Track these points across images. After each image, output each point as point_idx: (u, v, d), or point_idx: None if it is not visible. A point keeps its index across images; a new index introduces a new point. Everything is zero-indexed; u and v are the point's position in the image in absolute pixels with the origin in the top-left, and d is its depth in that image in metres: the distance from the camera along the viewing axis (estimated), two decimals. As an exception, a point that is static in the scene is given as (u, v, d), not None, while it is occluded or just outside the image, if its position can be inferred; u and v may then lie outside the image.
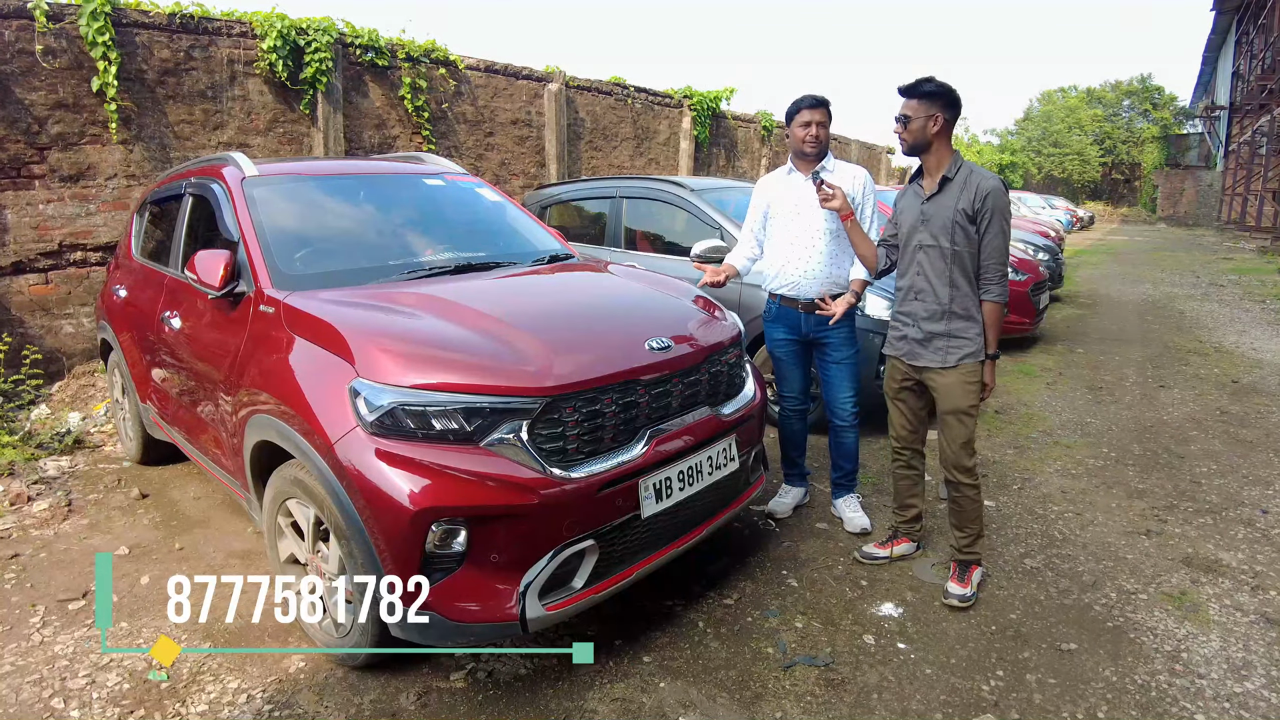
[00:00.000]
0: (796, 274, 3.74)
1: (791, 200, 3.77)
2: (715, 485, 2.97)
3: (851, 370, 3.80)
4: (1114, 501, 4.19)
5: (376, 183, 4.14)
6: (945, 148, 3.13)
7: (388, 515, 2.38)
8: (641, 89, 12.44)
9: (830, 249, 3.69)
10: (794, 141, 3.73)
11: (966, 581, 3.24)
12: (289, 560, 3.01)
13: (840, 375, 3.81)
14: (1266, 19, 24.54)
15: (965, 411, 3.17)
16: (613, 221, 6.20)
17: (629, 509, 2.62)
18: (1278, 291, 12.40)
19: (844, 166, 3.79)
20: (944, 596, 3.22)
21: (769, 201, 3.88)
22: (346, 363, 2.58)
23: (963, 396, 3.15)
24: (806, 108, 3.67)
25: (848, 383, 3.81)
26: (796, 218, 3.74)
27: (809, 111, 3.66)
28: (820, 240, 3.69)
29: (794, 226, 3.74)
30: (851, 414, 3.85)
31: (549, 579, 2.49)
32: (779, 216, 3.82)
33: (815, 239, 3.69)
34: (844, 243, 3.67)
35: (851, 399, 3.82)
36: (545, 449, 2.49)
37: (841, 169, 3.78)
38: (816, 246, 3.69)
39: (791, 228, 3.75)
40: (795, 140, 3.72)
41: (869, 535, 3.79)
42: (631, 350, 2.76)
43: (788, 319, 3.85)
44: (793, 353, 3.92)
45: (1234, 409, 5.96)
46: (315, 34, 8.33)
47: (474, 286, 3.25)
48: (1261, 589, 3.30)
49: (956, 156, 3.13)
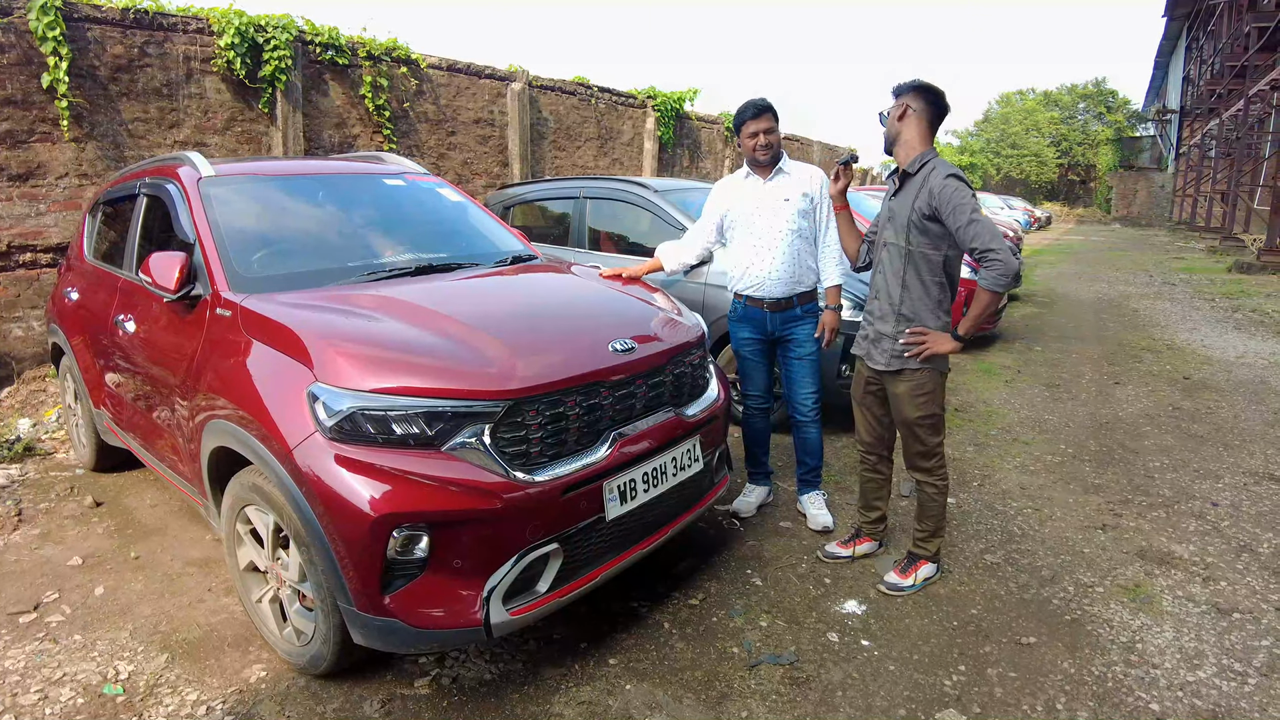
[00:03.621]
0: (760, 274, 3.77)
1: (752, 203, 3.80)
2: (680, 486, 2.97)
3: (814, 366, 3.85)
4: (1071, 497, 4.26)
5: (336, 183, 4.08)
6: (913, 142, 3.07)
7: (348, 522, 2.34)
8: (605, 89, 12.44)
9: (792, 248, 3.73)
10: (745, 151, 3.79)
11: (908, 574, 3.29)
12: (249, 568, 2.95)
13: (802, 371, 3.85)
14: (1215, 26, 25.17)
15: (915, 423, 3.16)
16: (576, 222, 6.18)
17: (593, 511, 2.61)
18: (1226, 290, 12.72)
19: (799, 168, 3.83)
20: (880, 583, 3.28)
21: (729, 205, 3.90)
22: (305, 367, 2.53)
23: (911, 408, 3.14)
24: (750, 118, 3.71)
25: (809, 378, 3.86)
26: (758, 219, 3.77)
27: (753, 122, 3.71)
28: (782, 240, 3.72)
29: (756, 228, 3.78)
30: (813, 409, 3.90)
31: (513, 583, 2.47)
32: (740, 219, 3.84)
33: (777, 239, 3.73)
34: (807, 242, 3.76)
35: (813, 394, 3.87)
36: (508, 452, 2.47)
37: (798, 170, 3.82)
38: (778, 247, 3.73)
39: (754, 229, 3.78)
40: (746, 150, 3.78)
41: (831, 533, 3.82)
42: (595, 352, 2.75)
43: (753, 318, 3.87)
44: (758, 351, 3.95)
45: (1185, 405, 6.10)
46: (274, 31, 8.22)
47: (435, 288, 3.22)
48: (1212, 580, 3.38)
49: (925, 154, 3.05)
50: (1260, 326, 9.58)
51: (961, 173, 2.98)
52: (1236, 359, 7.80)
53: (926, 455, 3.22)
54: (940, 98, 3.05)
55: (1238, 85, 21.53)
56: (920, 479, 3.27)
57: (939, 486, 3.26)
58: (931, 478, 3.25)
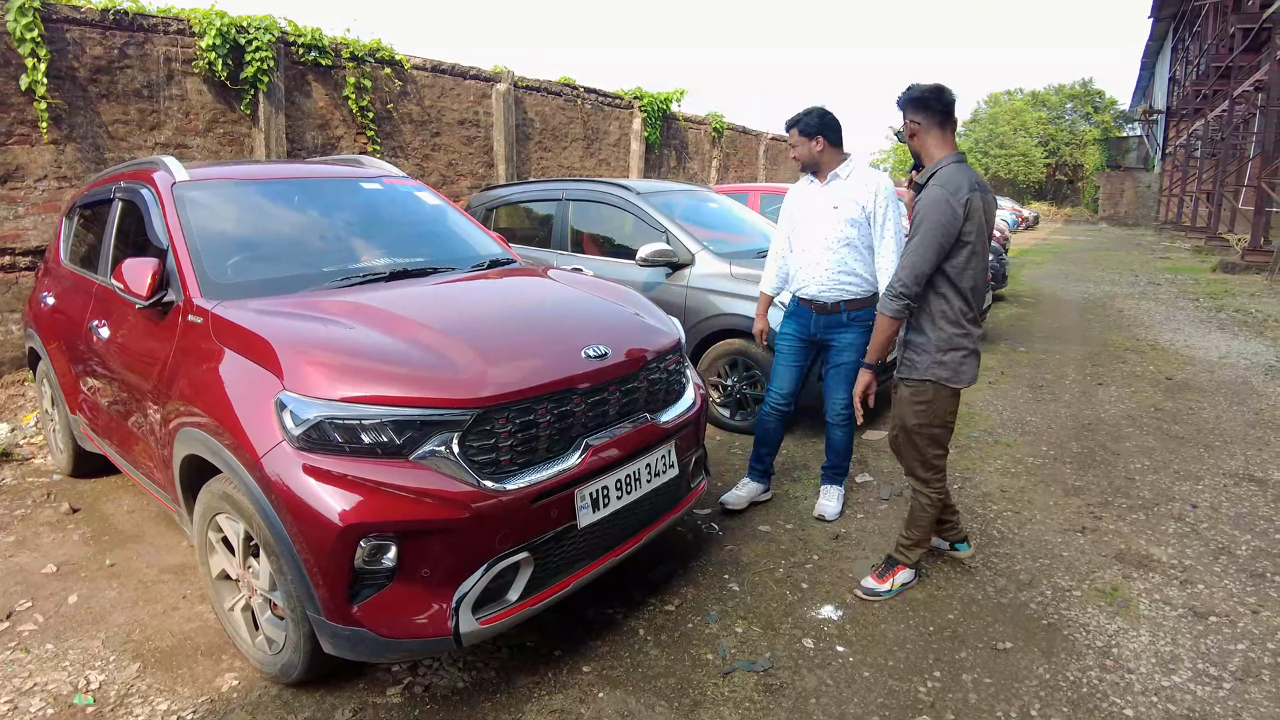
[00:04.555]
0: (807, 276, 3.88)
1: (808, 207, 3.92)
2: (654, 493, 2.95)
3: (848, 374, 3.85)
4: (1051, 499, 4.27)
5: (312, 187, 4.04)
6: (932, 152, 3.02)
7: (314, 531, 2.33)
8: (591, 90, 12.42)
9: (838, 255, 3.79)
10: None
11: (885, 579, 3.29)
12: (221, 576, 2.93)
13: (837, 378, 3.91)
14: (1201, 27, 25.33)
15: (914, 430, 3.14)
16: (559, 224, 6.16)
17: (565, 519, 2.59)
18: (1210, 290, 12.79)
19: (861, 176, 3.82)
20: (856, 587, 3.30)
21: (792, 209, 4.04)
22: (274, 375, 2.51)
23: (910, 414, 3.13)
24: (786, 132, 3.90)
25: (843, 385, 3.87)
26: (808, 223, 3.89)
27: (788, 136, 3.89)
28: (828, 246, 3.80)
29: (810, 232, 3.88)
30: (841, 414, 3.94)
31: (483, 592, 2.45)
32: (799, 223, 3.97)
33: (823, 244, 3.81)
34: (856, 250, 3.79)
35: (844, 400, 3.89)
36: (477, 461, 2.45)
37: (858, 178, 3.82)
38: (825, 252, 3.81)
39: (808, 233, 3.89)
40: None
41: (824, 522, 3.95)
42: (568, 359, 2.73)
43: (801, 316, 3.98)
44: (794, 349, 4.01)
45: (1167, 405, 6.12)
46: (256, 32, 8.17)
47: (408, 294, 3.19)
48: (1190, 583, 3.38)
49: (939, 162, 2.97)
50: (1243, 326, 9.63)
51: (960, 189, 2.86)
52: (1219, 359, 7.83)
53: (924, 466, 3.20)
54: (938, 98, 2.97)
55: (1223, 86, 21.66)
56: (915, 488, 3.27)
57: (932, 499, 3.23)
58: (927, 489, 3.23)
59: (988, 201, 2.97)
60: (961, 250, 2.91)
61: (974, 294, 3.01)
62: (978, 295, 3.04)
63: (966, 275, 2.96)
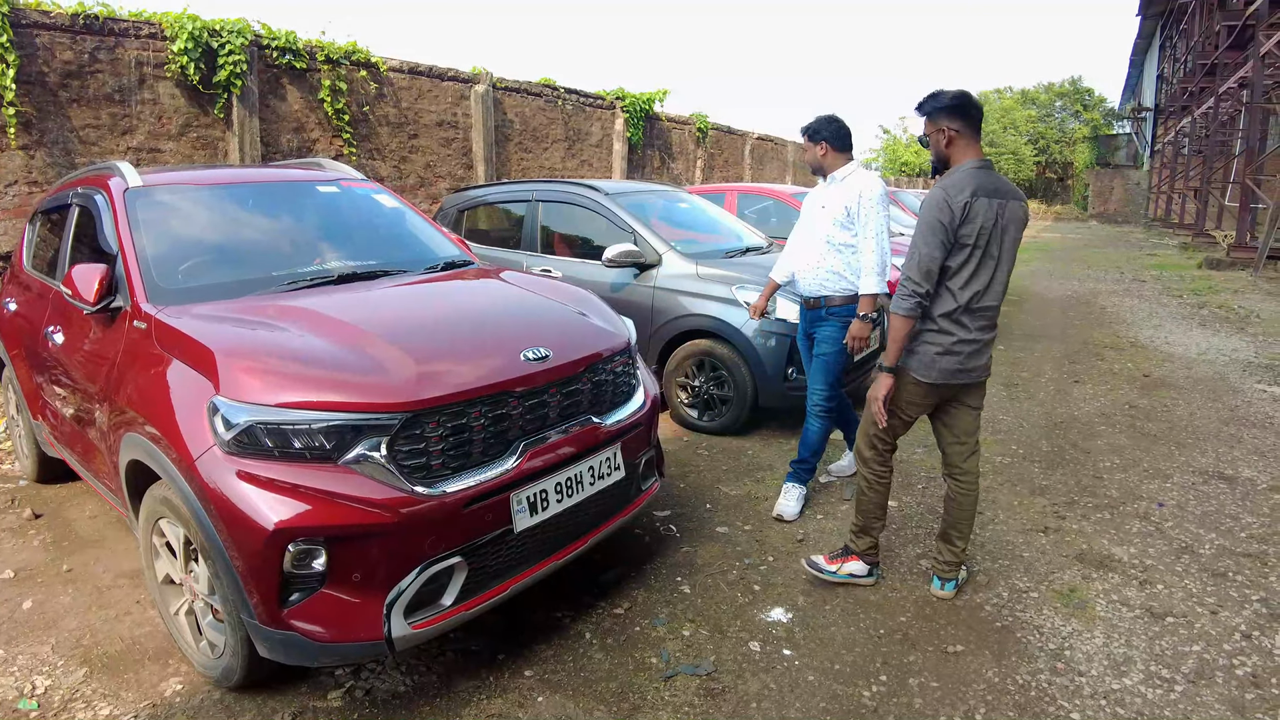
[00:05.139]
0: (800, 274, 4.09)
1: (809, 208, 4.13)
2: (599, 495, 2.91)
3: (824, 364, 4.00)
4: (1016, 499, 4.23)
5: (267, 191, 4.00)
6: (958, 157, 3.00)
7: (244, 535, 2.32)
8: (572, 90, 12.37)
9: (819, 253, 3.96)
10: None
11: (834, 562, 3.33)
12: (165, 580, 2.92)
13: (816, 367, 4.06)
14: (1187, 25, 25.35)
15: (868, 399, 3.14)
16: (529, 225, 6.12)
17: (500, 523, 2.55)
18: (1195, 286, 12.79)
19: (853, 179, 3.93)
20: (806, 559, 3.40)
21: (803, 210, 4.23)
22: (209, 380, 2.51)
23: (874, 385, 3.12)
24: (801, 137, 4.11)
25: (820, 375, 4.02)
26: (806, 224, 4.12)
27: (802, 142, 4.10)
28: (814, 245, 3.99)
29: (804, 231, 4.12)
30: (818, 405, 4.05)
31: (416, 597, 2.42)
32: (801, 222, 4.22)
33: (812, 244, 4.01)
34: (838, 250, 3.91)
35: (821, 391, 4.02)
36: (407, 465, 2.41)
37: (849, 181, 3.93)
38: (812, 250, 3.99)
39: (803, 232, 4.14)
40: None
41: (782, 522, 3.97)
42: (504, 361, 2.69)
43: (802, 314, 4.20)
44: (804, 346, 4.24)
45: (1142, 403, 6.09)
46: (229, 36, 8.11)
47: (352, 298, 3.15)
48: (1149, 583, 3.35)
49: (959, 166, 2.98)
50: (1224, 322, 9.62)
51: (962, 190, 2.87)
52: (1198, 355, 7.82)
53: (868, 443, 3.22)
54: (973, 105, 3.00)
55: (1209, 83, 21.69)
56: (858, 466, 3.30)
57: (870, 482, 3.25)
58: (865, 470, 3.25)
59: (1006, 209, 2.92)
60: (960, 252, 2.89)
61: (973, 297, 2.96)
62: (978, 300, 2.97)
63: (960, 277, 2.93)
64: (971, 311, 2.98)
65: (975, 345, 3.02)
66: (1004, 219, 2.93)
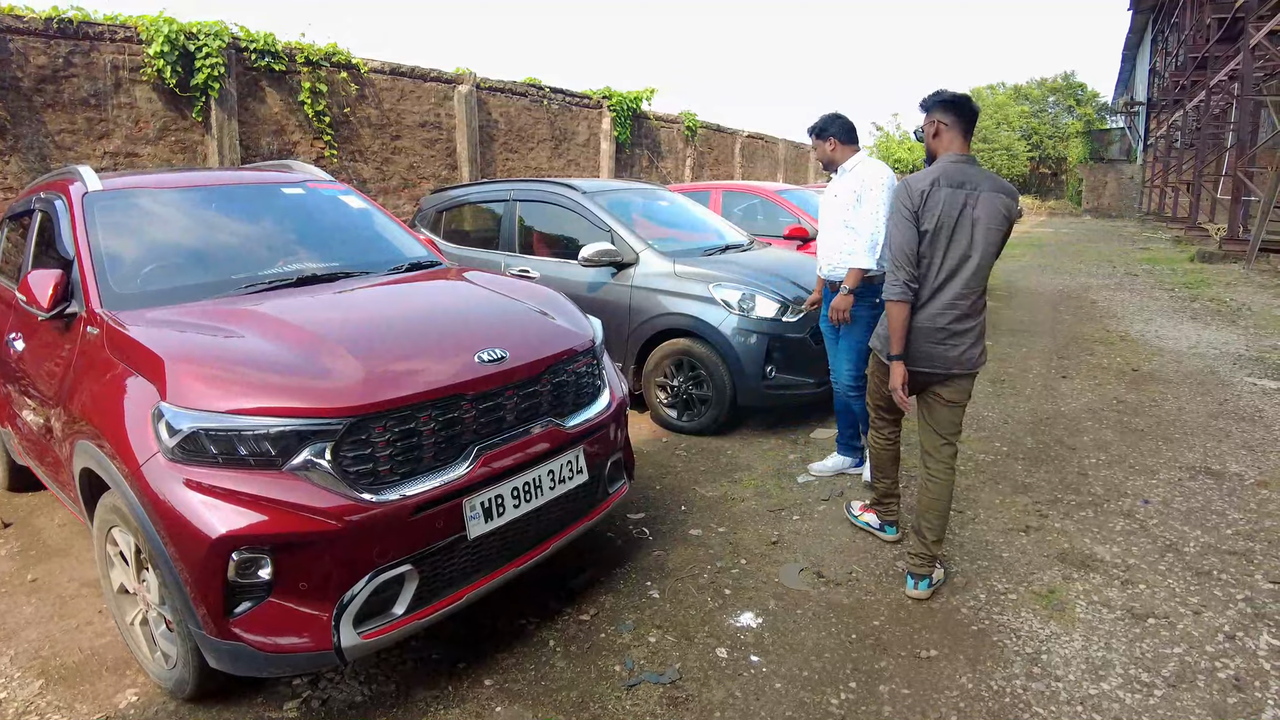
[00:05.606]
0: (821, 259, 4.32)
1: (825, 199, 4.36)
2: (561, 500, 2.82)
3: (848, 348, 4.20)
4: (998, 497, 4.14)
5: (230, 194, 3.92)
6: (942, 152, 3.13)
7: (188, 544, 2.26)
8: (558, 90, 12.29)
9: (834, 238, 4.20)
10: None
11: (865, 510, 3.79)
12: (120, 590, 2.87)
13: (841, 349, 4.26)
14: (1179, 18, 25.30)
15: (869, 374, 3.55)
16: (507, 225, 6.03)
17: (452, 530, 2.47)
18: (1187, 280, 12.72)
19: (861, 167, 4.18)
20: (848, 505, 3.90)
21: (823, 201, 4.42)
22: (155, 385, 2.46)
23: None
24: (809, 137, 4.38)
25: (845, 357, 4.23)
26: (823, 213, 4.35)
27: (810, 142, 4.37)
28: (830, 230, 4.24)
29: (822, 220, 4.35)
30: (846, 385, 4.27)
31: (366, 606, 2.35)
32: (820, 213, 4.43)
33: (828, 229, 4.25)
34: (846, 233, 4.13)
35: (848, 372, 4.23)
36: (353, 471, 2.33)
37: (857, 169, 4.18)
38: (829, 235, 4.24)
39: (821, 221, 4.36)
40: None
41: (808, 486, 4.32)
42: (457, 363, 2.61)
43: (826, 297, 4.35)
44: (828, 329, 4.36)
45: (1130, 398, 6.01)
46: (206, 38, 8.03)
47: (307, 301, 3.06)
48: (1131, 583, 3.26)
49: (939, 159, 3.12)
50: (1216, 316, 9.55)
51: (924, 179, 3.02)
52: (1188, 349, 7.74)
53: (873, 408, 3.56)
54: (967, 104, 3.13)
55: (1200, 77, 21.61)
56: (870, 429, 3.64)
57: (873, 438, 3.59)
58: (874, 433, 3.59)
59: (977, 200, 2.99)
60: (922, 239, 3.01)
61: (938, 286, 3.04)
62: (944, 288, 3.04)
63: (921, 264, 3.04)
64: (936, 300, 3.04)
65: (944, 334, 3.05)
66: (974, 210, 2.98)
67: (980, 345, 3.12)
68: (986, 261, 3.03)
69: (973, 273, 3.02)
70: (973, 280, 3.03)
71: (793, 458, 4.72)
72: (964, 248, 2.99)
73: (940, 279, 3.02)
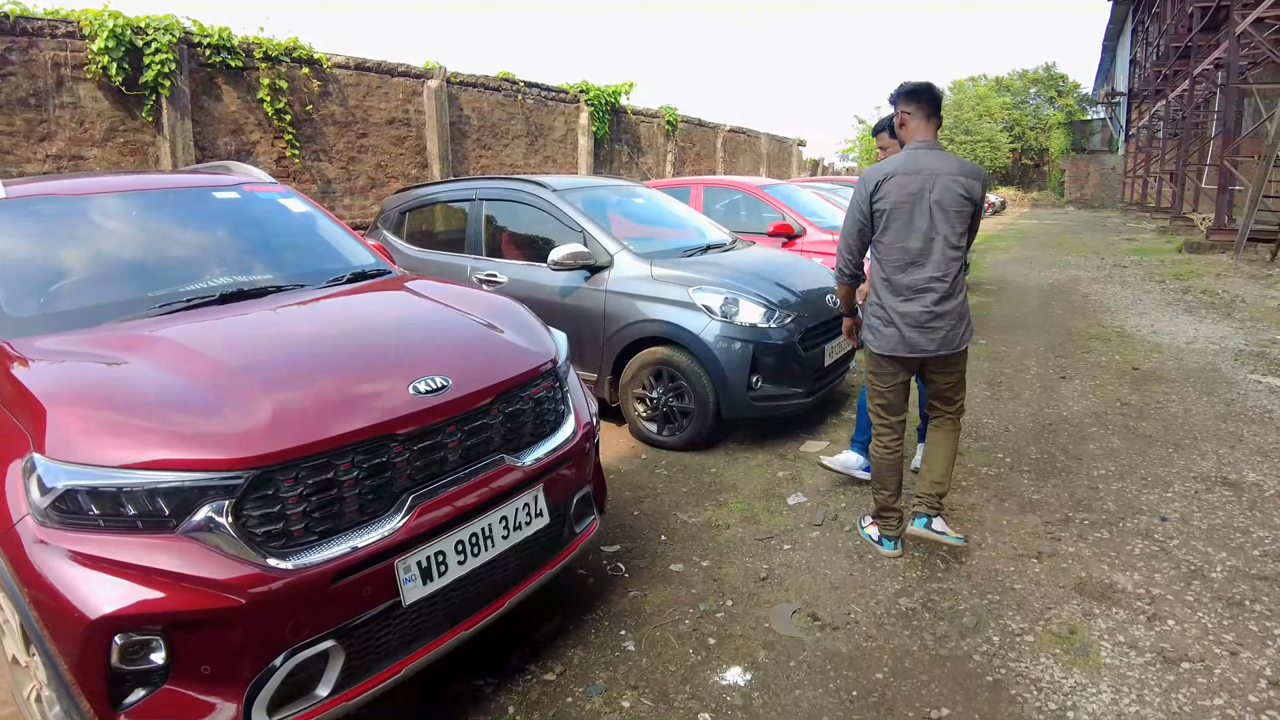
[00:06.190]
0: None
1: None
2: (518, 549, 2.45)
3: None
4: (1005, 518, 3.81)
5: (154, 200, 3.51)
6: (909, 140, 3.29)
7: (63, 625, 1.88)
8: (533, 84, 11.90)
9: None
10: None
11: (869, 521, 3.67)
12: (14, 661, 2.44)
13: None
14: (1160, 8, 25.14)
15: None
16: (473, 226, 5.64)
17: (384, 597, 2.09)
18: (1176, 271, 12.48)
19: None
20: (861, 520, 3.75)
21: None
22: (31, 431, 2.04)
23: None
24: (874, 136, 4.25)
25: None
26: None
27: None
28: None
29: None
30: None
31: (282, 689, 1.97)
32: None
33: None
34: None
35: None
36: (260, 533, 1.95)
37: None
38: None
39: None
40: None
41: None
42: (387, 397, 2.23)
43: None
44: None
45: (1133, 399, 5.71)
46: (155, 33, 7.62)
47: (224, 324, 2.65)
48: (1158, 618, 2.93)
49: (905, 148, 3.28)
50: (1210, 309, 9.29)
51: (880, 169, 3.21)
52: (1187, 345, 7.46)
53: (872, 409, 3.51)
54: (927, 91, 3.25)
55: (1182, 66, 21.45)
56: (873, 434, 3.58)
57: (876, 448, 3.49)
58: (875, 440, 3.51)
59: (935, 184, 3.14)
60: (878, 222, 3.22)
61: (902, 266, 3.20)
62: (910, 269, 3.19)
63: (883, 246, 3.24)
64: (905, 282, 3.21)
65: (919, 316, 3.19)
66: (931, 194, 3.14)
67: (964, 324, 3.27)
68: (956, 241, 3.18)
69: (943, 253, 3.17)
70: (945, 262, 3.18)
71: (782, 475, 4.37)
72: (925, 230, 3.15)
73: (909, 261, 3.19)
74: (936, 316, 3.17)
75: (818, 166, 27.02)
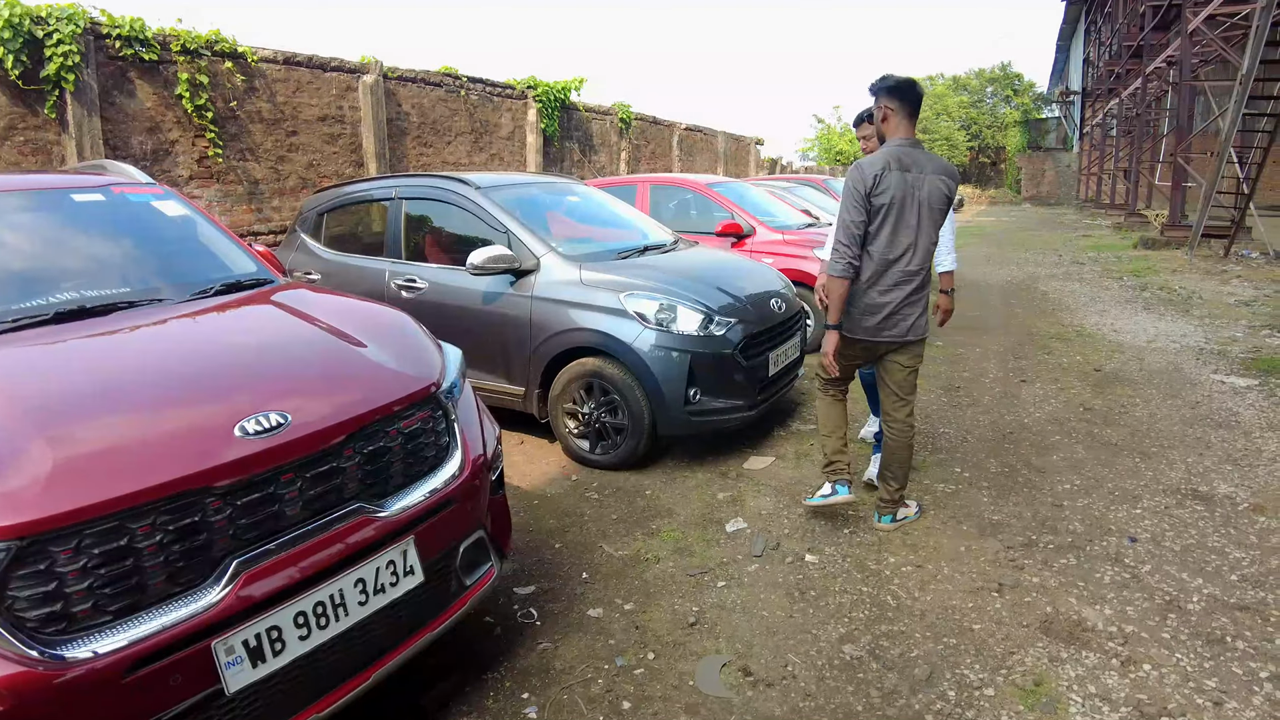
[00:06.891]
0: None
1: None
2: (383, 614, 2.05)
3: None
4: (963, 543, 3.47)
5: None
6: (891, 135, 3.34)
7: None
8: (477, 79, 11.43)
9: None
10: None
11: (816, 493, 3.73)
12: None
13: None
14: (1111, 8, 25.25)
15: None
16: (393, 228, 5.20)
17: (200, 687, 1.68)
18: (1134, 268, 12.37)
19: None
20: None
21: None
22: None
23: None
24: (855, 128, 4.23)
25: None
26: None
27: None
28: None
29: None
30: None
31: None
32: None
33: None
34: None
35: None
36: (31, 617, 1.53)
37: None
38: None
39: None
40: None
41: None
42: (203, 441, 1.80)
43: None
44: None
45: (1097, 404, 5.43)
46: (57, 23, 7.04)
47: (30, 354, 2.19)
48: (1133, 662, 2.61)
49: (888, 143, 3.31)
50: (1168, 305, 9.13)
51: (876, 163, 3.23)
52: (1148, 344, 7.25)
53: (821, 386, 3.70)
54: (910, 89, 3.31)
55: (1135, 65, 21.51)
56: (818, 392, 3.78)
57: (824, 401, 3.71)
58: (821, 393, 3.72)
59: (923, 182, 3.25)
60: (875, 218, 3.25)
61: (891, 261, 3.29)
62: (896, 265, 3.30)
63: (878, 242, 3.29)
64: (890, 274, 3.31)
65: (894, 306, 3.32)
66: (920, 192, 3.25)
67: (926, 313, 3.43)
68: (934, 237, 3.35)
69: (924, 249, 3.32)
70: (924, 256, 3.33)
71: (722, 497, 3.99)
72: (913, 227, 3.26)
73: (897, 255, 3.28)
74: (909, 306, 3.34)
75: (776, 165, 26.77)
